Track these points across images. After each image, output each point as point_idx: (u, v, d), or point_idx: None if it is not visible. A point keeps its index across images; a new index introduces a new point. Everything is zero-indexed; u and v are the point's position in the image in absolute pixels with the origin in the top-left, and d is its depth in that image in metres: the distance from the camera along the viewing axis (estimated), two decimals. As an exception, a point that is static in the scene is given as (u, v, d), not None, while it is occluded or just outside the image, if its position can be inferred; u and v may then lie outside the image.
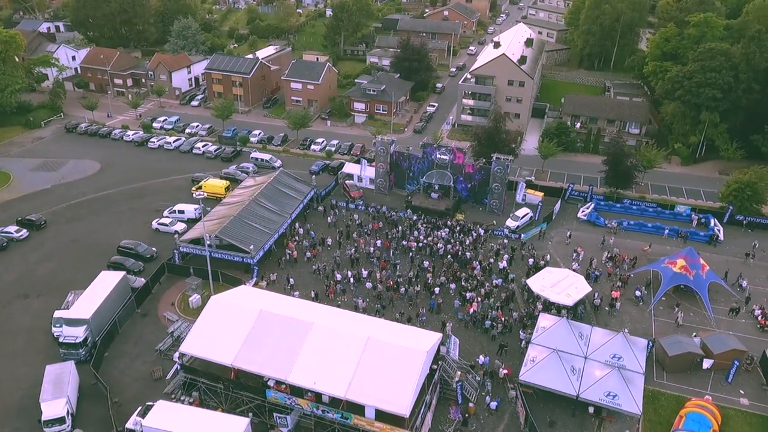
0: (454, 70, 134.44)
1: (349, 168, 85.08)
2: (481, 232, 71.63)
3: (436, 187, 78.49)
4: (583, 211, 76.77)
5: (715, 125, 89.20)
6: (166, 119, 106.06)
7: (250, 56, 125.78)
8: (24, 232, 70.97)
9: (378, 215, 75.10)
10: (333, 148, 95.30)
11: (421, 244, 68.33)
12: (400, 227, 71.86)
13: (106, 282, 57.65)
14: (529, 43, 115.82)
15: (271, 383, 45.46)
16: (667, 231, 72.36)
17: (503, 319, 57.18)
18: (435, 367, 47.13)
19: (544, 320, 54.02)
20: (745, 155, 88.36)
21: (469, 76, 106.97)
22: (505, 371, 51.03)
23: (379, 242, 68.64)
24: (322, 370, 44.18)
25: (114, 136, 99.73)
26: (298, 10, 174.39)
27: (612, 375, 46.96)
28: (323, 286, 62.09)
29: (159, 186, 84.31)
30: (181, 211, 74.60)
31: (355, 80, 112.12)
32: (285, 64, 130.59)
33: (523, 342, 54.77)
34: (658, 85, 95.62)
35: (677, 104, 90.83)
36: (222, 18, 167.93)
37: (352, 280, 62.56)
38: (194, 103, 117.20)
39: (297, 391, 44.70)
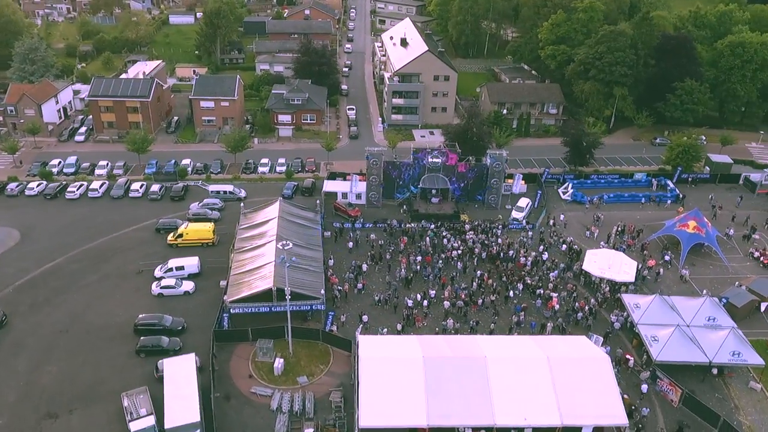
0: (346, 70, 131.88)
1: (332, 186, 79.77)
2: (500, 227, 72.84)
3: (434, 192, 77.57)
4: (564, 192, 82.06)
5: (624, 98, 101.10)
6: (61, 162, 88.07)
7: (125, 76, 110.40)
8: (-12, 336, 54.59)
9: (395, 231, 71.83)
10: (284, 168, 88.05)
11: (459, 252, 67.40)
12: (427, 238, 69.81)
13: (182, 371, 47.29)
14: (429, 36, 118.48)
15: (468, 431, 42.08)
16: (644, 199, 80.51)
17: (586, 307, 59.38)
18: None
19: (635, 300, 57.38)
20: (653, 121, 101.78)
21: (389, 75, 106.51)
22: (629, 357, 53.39)
23: (419, 258, 66.10)
24: (523, 404, 42.13)
25: (9, 192, 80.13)
26: (133, 19, 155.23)
27: (730, 336, 51.81)
28: (400, 317, 58.22)
29: (118, 243, 70.34)
30: (180, 267, 63.53)
31: (272, 91, 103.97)
32: (164, 81, 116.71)
33: (615, 323, 57.69)
34: (569, 68, 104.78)
35: (591, 83, 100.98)
36: (45, 34, 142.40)
37: (426, 303, 59.63)
38: (78, 138, 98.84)
39: (502, 432, 42.09)
